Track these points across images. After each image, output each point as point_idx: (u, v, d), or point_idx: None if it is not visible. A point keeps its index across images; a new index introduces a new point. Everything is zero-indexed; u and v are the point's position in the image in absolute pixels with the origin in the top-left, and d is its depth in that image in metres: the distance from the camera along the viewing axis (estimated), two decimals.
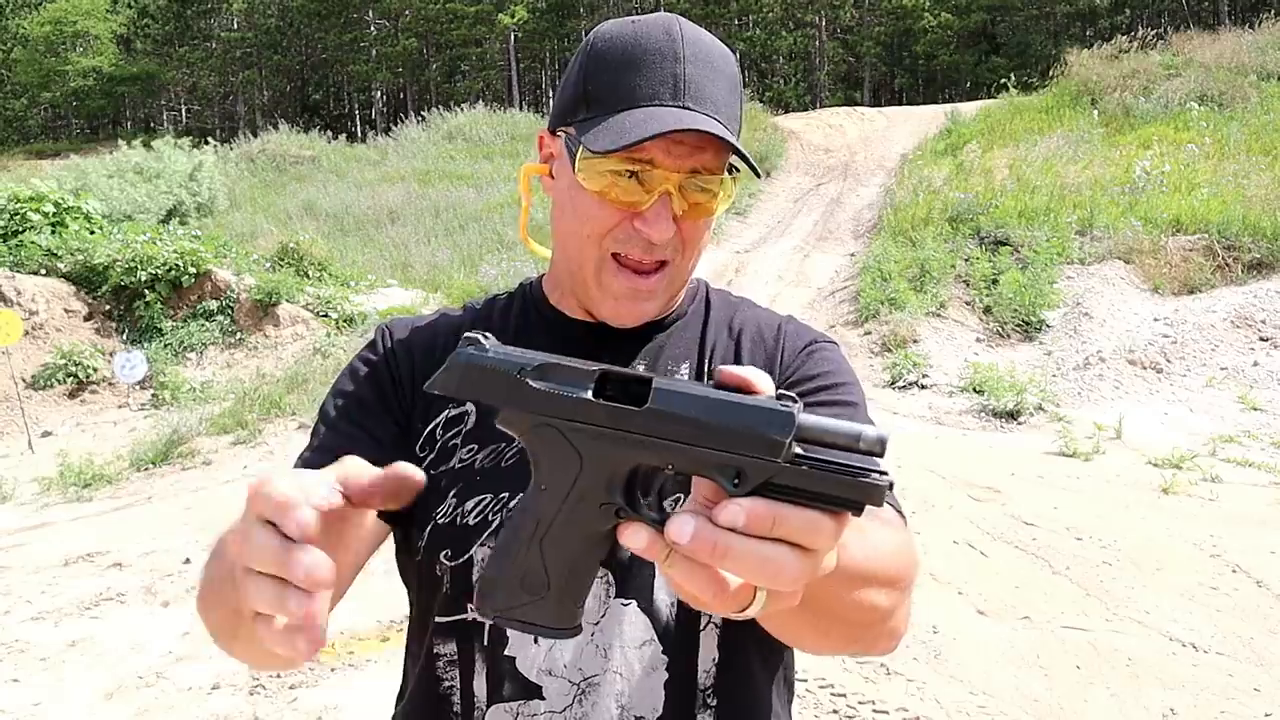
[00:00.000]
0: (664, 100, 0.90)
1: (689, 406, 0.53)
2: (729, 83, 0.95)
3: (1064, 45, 28.18)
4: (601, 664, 0.94)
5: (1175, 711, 3.51)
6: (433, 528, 0.97)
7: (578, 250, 0.97)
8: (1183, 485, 6.04)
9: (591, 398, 0.56)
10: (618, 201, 0.92)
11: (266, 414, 8.97)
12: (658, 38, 0.92)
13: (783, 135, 21.41)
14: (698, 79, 0.91)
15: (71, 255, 12.20)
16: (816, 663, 3.82)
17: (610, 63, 0.93)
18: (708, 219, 0.96)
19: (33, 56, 42.62)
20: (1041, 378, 8.64)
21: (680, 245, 0.96)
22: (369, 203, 18.98)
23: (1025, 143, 16.28)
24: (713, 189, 0.93)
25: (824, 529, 0.52)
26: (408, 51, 43.93)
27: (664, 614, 0.95)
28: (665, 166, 0.90)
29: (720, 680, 0.96)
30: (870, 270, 11.24)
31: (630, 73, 0.91)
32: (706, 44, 0.94)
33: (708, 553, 0.52)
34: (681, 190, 0.92)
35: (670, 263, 0.96)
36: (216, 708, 3.80)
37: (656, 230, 0.91)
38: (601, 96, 0.92)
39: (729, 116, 0.93)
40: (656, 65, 0.91)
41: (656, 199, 0.91)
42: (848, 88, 43.06)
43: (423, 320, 1.08)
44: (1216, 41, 20.29)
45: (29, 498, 7.70)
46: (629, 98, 0.90)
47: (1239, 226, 10.49)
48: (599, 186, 0.92)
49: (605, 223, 0.93)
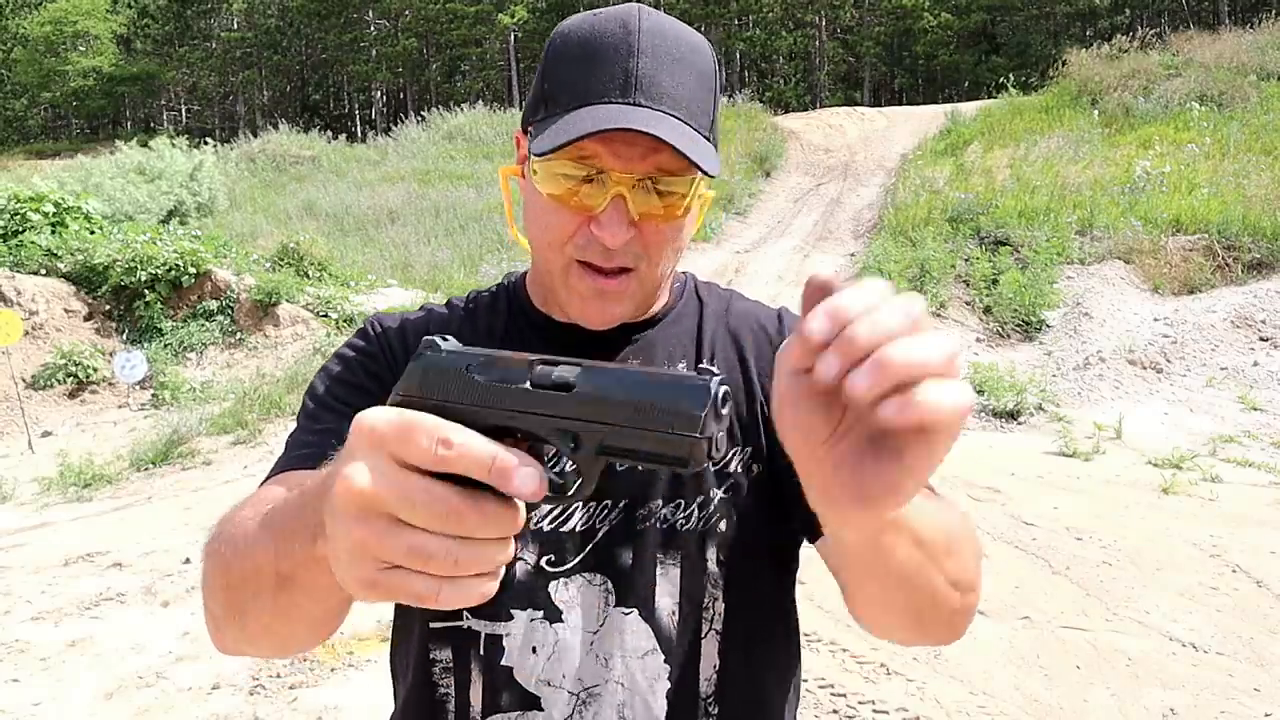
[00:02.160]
0: (612, 97, 0.85)
1: (614, 387, 0.54)
2: (695, 75, 0.89)
3: (1064, 45, 28.19)
4: (602, 674, 0.92)
5: (1175, 711, 3.51)
6: None
7: (543, 255, 0.94)
8: (1183, 485, 6.04)
9: (529, 386, 0.57)
10: (573, 205, 0.88)
11: (266, 414, 8.97)
12: (613, 31, 0.87)
13: (783, 135, 21.40)
14: (651, 73, 0.86)
15: (71, 255, 12.20)
16: (817, 663, 3.82)
17: (565, 59, 0.89)
18: (672, 219, 0.90)
19: (33, 56, 42.63)
20: (1041, 378, 8.64)
21: (644, 251, 0.90)
22: (369, 203, 18.98)
23: (1025, 143, 16.29)
24: (678, 190, 0.88)
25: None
26: (408, 51, 43.95)
27: (665, 623, 0.93)
28: (615, 169, 0.86)
29: (722, 688, 0.95)
30: (870, 270, 11.24)
31: (583, 69, 0.87)
32: (668, 35, 0.88)
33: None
34: (641, 192, 0.87)
35: (635, 270, 0.91)
36: (216, 708, 3.80)
37: (609, 234, 0.86)
38: (556, 95, 0.88)
39: (694, 111, 0.87)
40: (608, 60, 0.86)
41: (609, 203, 0.86)
42: (848, 88, 43.07)
43: (410, 316, 1.06)
44: (1216, 41, 20.30)
45: (29, 498, 7.70)
46: (580, 95, 0.86)
47: (1239, 226, 10.49)
48: (553, 190, 0.88)
49: (564, 229, 0.90)
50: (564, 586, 0.93)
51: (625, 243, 0.88)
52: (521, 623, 0.93)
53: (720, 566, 0.94)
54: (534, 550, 0.93)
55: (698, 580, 0.93)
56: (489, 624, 0.94)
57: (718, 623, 0.94)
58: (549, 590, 0.93)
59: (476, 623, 0.94)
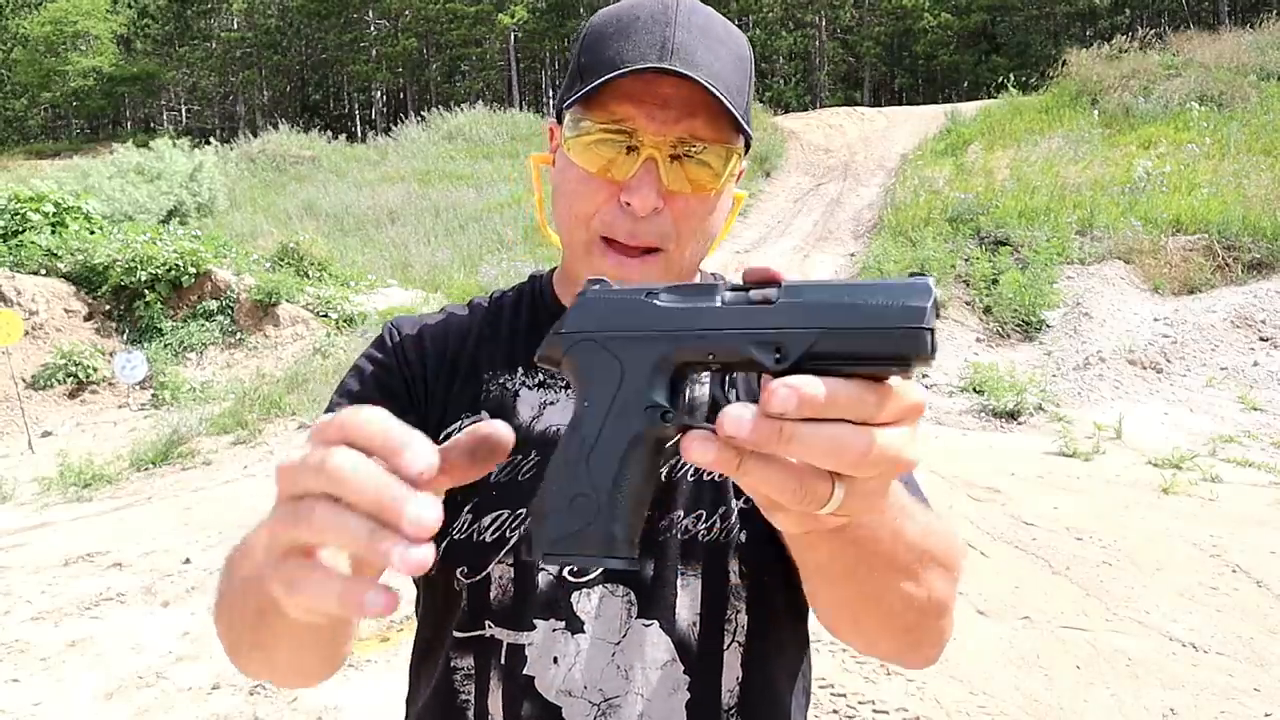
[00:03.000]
0: (649, 60, 0.83)
1: (820, 294, 0.52)
2: (733, 56, 0.88)
3: (1064, 45, 28.18)
4: (623, 685, 0.91)
5: (1175, 711, 3.51)
6: (449, 543, 0.93)
7: (569, 234, 0.92)
8: (1183, 485, 6.04)
9: (721, 305, 0.54)
10: (604, 175, 0.87)
11: (266, 414, 8.97)
12: (651, 8, 0.87)
13: (783, 135, 21.40)
14: (689, 43, 0.84)
15: (71, 255, 12.21)
16: (817, 662, 3.81)
17: (602, 35, 0.88)
18: (704, 197, 0.88)
19: (33, 56, 42.63)
20: (1041, 378, 8.64)
21: (673, 229, 0.88)
22: (369, 203, 18.98)
23: (1025, 143, 16.28)
24: (710, 163, 0.86)
25: (870, 398, 0.50)
26: (408, 51, 43.95)
27: (686, 634, 0.92)
28: (649, 131, 0.84)
29: (744, 699, 0.94)
30: (870, 270, 11.24)
31: (619, 41, 0.86)
32: (707, 15, 0.88)
33: (775, 439, 0.49)
34: (673, 161, 0.86)
35: (662, 250, 0.89)
36: (216, 708, 3.80)
37: (639, 199, 0.84)
38: (591, 67, 0.87)
39: (729, 87, 0.85)
40: (645, 30, 0.85)
41: (640, 166, 0.85)
42: (848, 88, 43.09)
43: (430, 319, 1.03)
44: (1216, 41, 20.30)
45: (29, 498, 7.70)
46: (614, 63, 0.84)
47: (1239, 226, 10.49)
48: (585, 160, 0.87)
49: (593, 201, 0.88)
50: (586, 597, 0.92)
51: (653, 215, 0.86)
52: (543, 633, 0.92)
53: (742, 579, 0.93)
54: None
55: (719, 592, 0.93)
56: (511, 633, 0.93)
57: (740, 634, 0.93)
58: (571, 601, 0.92)
59: (499, 632, 0.93)
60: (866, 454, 0.49)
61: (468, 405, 0.97)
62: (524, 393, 0.97)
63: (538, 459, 0.94)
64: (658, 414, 0.55)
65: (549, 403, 0.96)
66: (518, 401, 0.97)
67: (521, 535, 0.92)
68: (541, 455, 0.94)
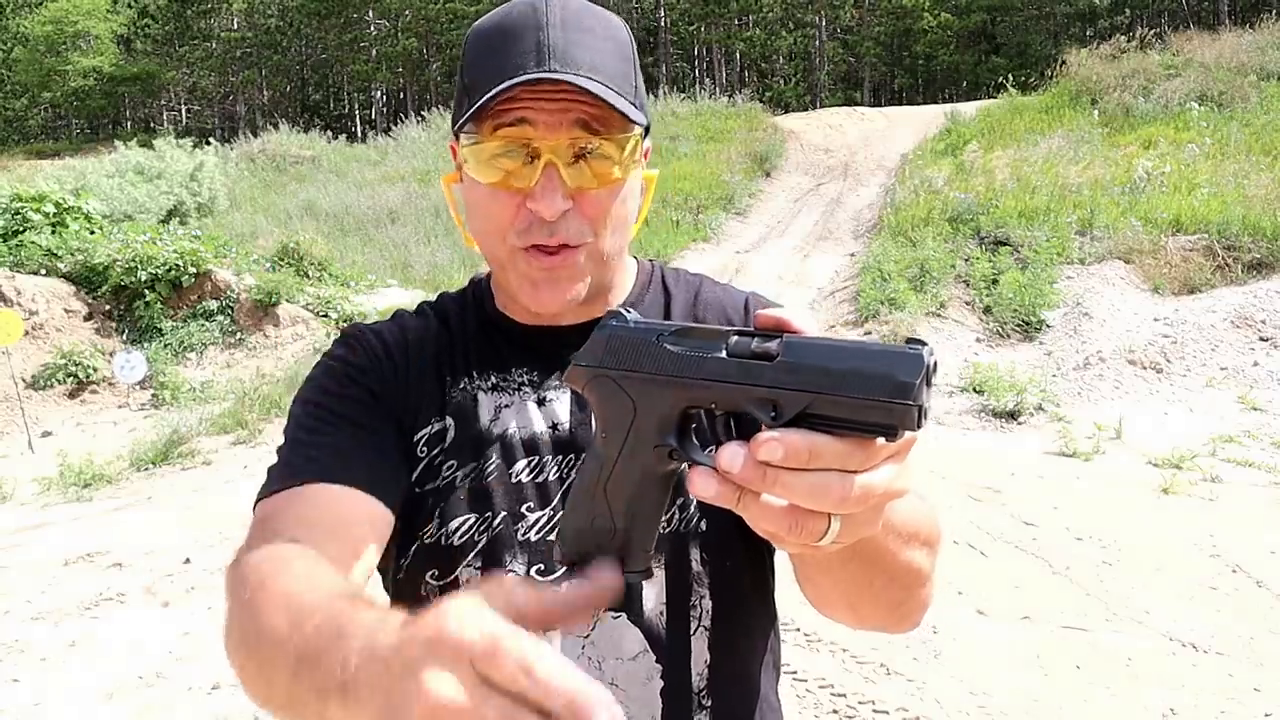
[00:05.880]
0: (528, 69, 0.85)
1: (819, 356, 0.54)
2: (615, 48, 0.89)
3: (1064, 45, 28.16)
4: (595, 677, 0.92)
5: (1175, 711, 3.51)
6: (418, 547, 0.94)
7: (490, 249, 0.93)
8: (1183, 485, 6.04)
9: (725, 355, 0.58)
10: (508, 187, 0.88)
11: (266, 414, 8.97)
12: (522, 13, 0.88)
13: (783, 135, 21.41)
14: (564, 42, 0.86)
15: (71, 255, 12.20)
16: (817, 662, 3.82)
17: (480, 49, 0.90)
18: (611, 188, 0.89)
19: (33, 56, 42.63)
20: (1041, 378, 8.64)
21: (588, 225, 0.90)
22: (369, 203, 18.98)
23: (1025, 143, 16.28)
24: (610, 154, 0.88)
25: (857, 454, 0.53)
26: (408, 51, 43.95)
27: (654, 624, 0.94)
28: (543, 137, 0.86)
29: (713, 680, 0.96)
30: (870, 270, 11.24)
31: (497, 52, 0.87)
32: (580, 11, 0.89)
33: (761, 481, 0.53)
34: (575, 160, 0.87)
35: (580, 246, 0.90)
36: (216, 708, 3.80)
37: (545, 205, 0.86)
38: (476, 83, 0.88)
39: (613, 76, 0.87)
40: (520, 37, 0.87)
41: (541, 173, 0.86)
42: (848, 88, 43.08)
43: (384, 325, 1.04)
44: (1216, 41, 20.29)
45: (29, 498, 7.70)
46: (496, 77, 0.85)
47: (1239, 226, 10.48)
48: (487, 176, 0.88)
49: (504, 215, 0.89)
50: None
51: (564, 216, 0.88)
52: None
53: (704, 565, 0.95)
54: (523, 561, 0.94)
55: (683, 581, 0.94)
56: None
57: (705, 619, 0.95)
58: None
59: None
60: (848, 498, 0.53)
61: (435, 410, 0.99)
62: (481, 396, 0.99)
63: (499, 462, 0.96)
64: (666, 452, 0.61)
65: (504, 405, 0.99)
66: (478, 406, 0.99)
67: (490, 539, 0.94)
68: (502, 458, 0.96)
